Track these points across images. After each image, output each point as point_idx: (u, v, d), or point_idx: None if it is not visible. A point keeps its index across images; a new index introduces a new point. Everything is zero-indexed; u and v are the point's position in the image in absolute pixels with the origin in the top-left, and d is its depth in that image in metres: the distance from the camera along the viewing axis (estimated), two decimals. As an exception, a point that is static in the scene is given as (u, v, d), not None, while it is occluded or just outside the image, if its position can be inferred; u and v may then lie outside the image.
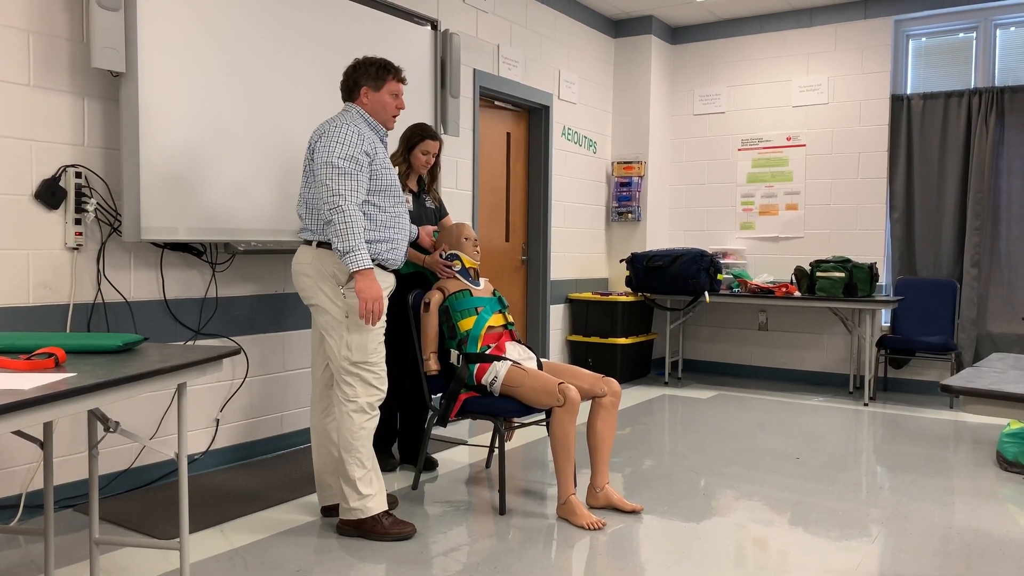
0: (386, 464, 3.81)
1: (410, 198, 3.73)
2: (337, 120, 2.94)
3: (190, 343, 3.65)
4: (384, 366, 3.01)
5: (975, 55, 5.99)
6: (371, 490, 2.95)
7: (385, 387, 3.01)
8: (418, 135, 3.73)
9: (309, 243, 2.97)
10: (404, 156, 3.76)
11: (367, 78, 3.02)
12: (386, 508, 3.00)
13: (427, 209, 3.82)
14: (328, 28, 4.08)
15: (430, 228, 3.64)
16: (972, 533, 3.13)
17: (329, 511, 3.20)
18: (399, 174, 3.74)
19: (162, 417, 3.60)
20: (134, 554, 2.80)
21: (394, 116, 3.08)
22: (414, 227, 3.55)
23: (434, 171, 3.86)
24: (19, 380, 1.80)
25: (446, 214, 3.97)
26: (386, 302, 3.01)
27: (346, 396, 2.94)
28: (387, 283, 3.04)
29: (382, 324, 2.98)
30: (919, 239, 6.14)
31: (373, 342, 2.95)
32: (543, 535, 3.05)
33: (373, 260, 2.94)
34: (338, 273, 2.90)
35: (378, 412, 3.01)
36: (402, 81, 3.09)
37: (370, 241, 2.93)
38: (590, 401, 3.33)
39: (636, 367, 6.53)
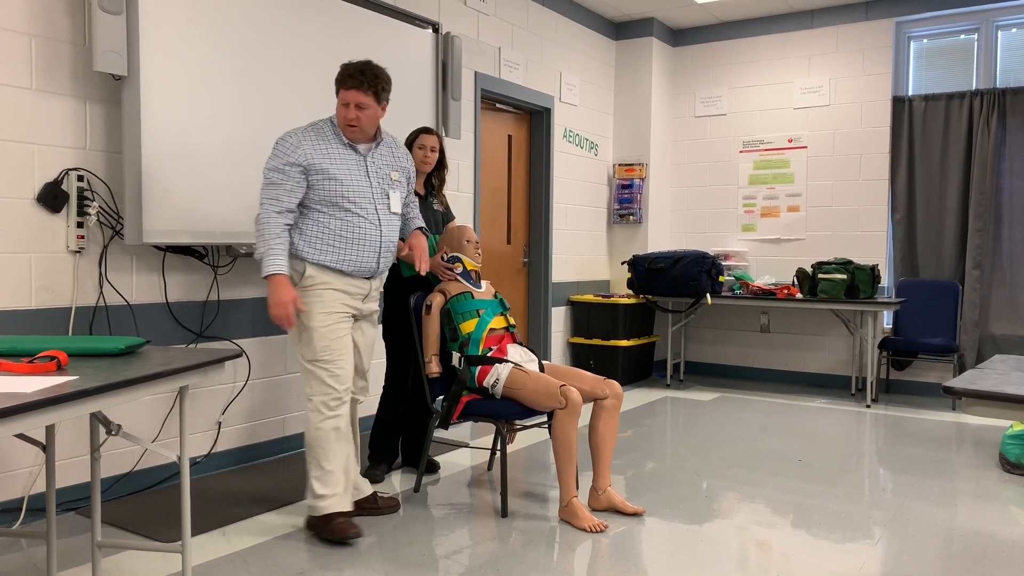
0: (384, 465, 3.82)
1: (416, 201, 3.73)
2: (298, 128, 3.00)
3: (192, 346, 3.65)
4: (343, 365, 2.99)
5: (976, 56, 5.98)
6: (326, 491, 2.95)
7: (342, 387, 2.98)
8: (413, 133, 3.76)
9: None
10: (407, 159, 3.77)
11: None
12: (343, 510, 2.98)
13: (434, 212, 3.82)
14: (329, 32, 4.08)
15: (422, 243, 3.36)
16: (975, 535, 3.12)
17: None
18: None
19: (164, 420, 3.60)
20: (136, 557, 2.80)
21: (349, 126, 2.97)
22: (421, 236, 3.38)
23: (441, 174, 3.84)
24: (21, 383, 1.81)
25: (453, 218, 3.96)
26: (350, 304, 3.03)
27: (306, 394, 3.01)
28: (353, 288, 3.04)
29: (338, 323, 2.98)
30: (921, 241, 6.13)
31: (324, 340, 2.95)
32: (545, 538, 3.05)
33: (327, 266, 2.96)
34: (294, 275, 2.96)
35: (338, 414, 2.98)
36: (356, 88, 2.93)
37: (318, 248, 2.95)
38: (592, 403, 3.33)
39: (638, 369, 6.53)
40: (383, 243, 3.07)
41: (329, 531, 2.95)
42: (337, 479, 2.98)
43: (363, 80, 2.94)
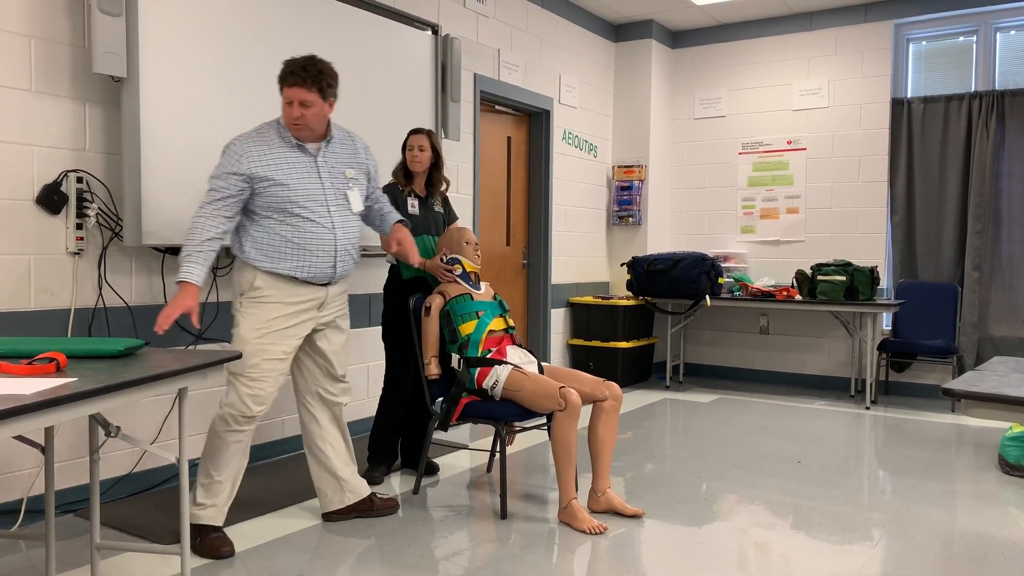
0: (384, 467, 3.81)
1: (416, 203, 3.73)
2: (244, 134, 2.91)
3: (191, 348, 3.65)
4: (264, 387, 2.88)
5: (975, 58, 5.99)
6: (207, 500, 2.88)
7: (257, 408, 2.88)
8: (406, 137, 3.75)
9: None
10: (402, 161, 3.76)
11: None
12: (216, 524, 2.89)
13: (435, 213, 3.81)
14: (329, 34, 4.09)
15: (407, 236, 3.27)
16: (974, 537, 3.12)
17: (330, 516, 3.20)
18: (400, 180, 3.73)
19: (163, 422, 3.60)
20: (135, 559, 2.80)
21: (292, 124, 2.87)
22: (404, 229, 3.27)
23: (438, 175, 3.81)
24: (20, 385, 1.80)
25: (455, 219, 3.96)
26: (303, 317, 2.93)
27: (221, 401, 2.92)
28: (306, 296, 2.94)
29: (274, 343, 2.88)
30: (920, 242, 6.14)
31: (254, 357, 2.86)
32: (544, 539, 3.04)
33: (280, 275, 2.88)
34: (243, 283, 2.91)
35: (244, 430, 2.89)
36: (298, 85, 2.81)
37: (270, 256, 2.87)
38: (591, 405, 3.33)
39: (637, 371, 6.53)
40: (339, 247, 2.96)
41: (202, 546, 2.84)
42: (222, 490, 2.90)
43: (306, 76, 2.81)
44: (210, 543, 2.84)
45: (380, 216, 3.30)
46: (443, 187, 3.86)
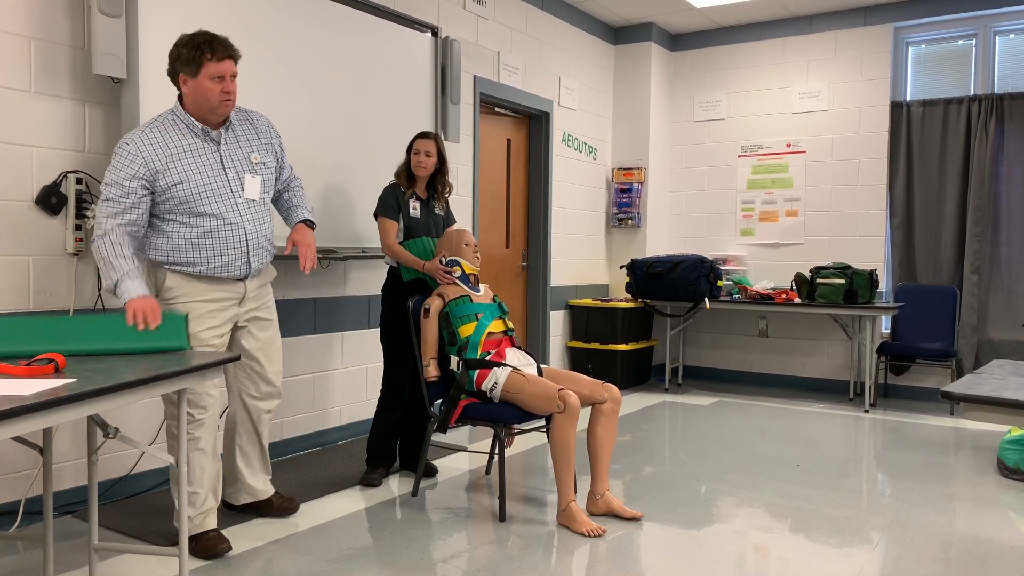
0: (382, 469, 3.81)
1: (418, 205, 3.73)
2: (135, 131, 2.70)
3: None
4: (197, 390, 2.78)
5: (974, 62, 6.00)
6: (193, 512, 2.85)
7: (195, 410, 2.79)
8: (413, 139, 3.74)
9: None
10: (406, 163, 3.76)
11: (181, 63, 2.68)
12: (210, 528, 2.87)
13: (435, 216, 3.81)
14: (329, 36, 4.09)
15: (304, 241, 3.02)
16: (973, 540, 3.12)
17: (228, 505, 3.21)
18: (401, 182, 3.73)
19: (162, 423, 3.59)
20: (133, 561, 2.80)
21: (223, 102, 2.70)
22: (306, 231, 3.06)
23: (442, 179, 3.80)
24: (19, 386, 1.80)
25: (454, 221, 3.96)
26: (222, 315, 2.83)
27: (165, 412, 2.85)
28: (223, 294, 2.84)
29: (199, 345, 2.76)
30: (919, 245, 6.14)
31: None
32: (543, 542, 3.04)
33: (190, 274, 2.77)
34: (155, 285, 2.79)
35: (197, 436, 2.81)
36: (229, 58, 2.69)
37: (178, 258, 2.74)
38: (590, 407, 3.33)
39: (636, 373, 6.53)
40: (250, 242, 2.83)
41: (199, 546, 2.82)
42: (203, 499, 2.87)
43: (229, 47, 2.71)
44: (207, 543, 2.84)
45: (287, 207, 3.14)
46: (446, 191, 3.84)
